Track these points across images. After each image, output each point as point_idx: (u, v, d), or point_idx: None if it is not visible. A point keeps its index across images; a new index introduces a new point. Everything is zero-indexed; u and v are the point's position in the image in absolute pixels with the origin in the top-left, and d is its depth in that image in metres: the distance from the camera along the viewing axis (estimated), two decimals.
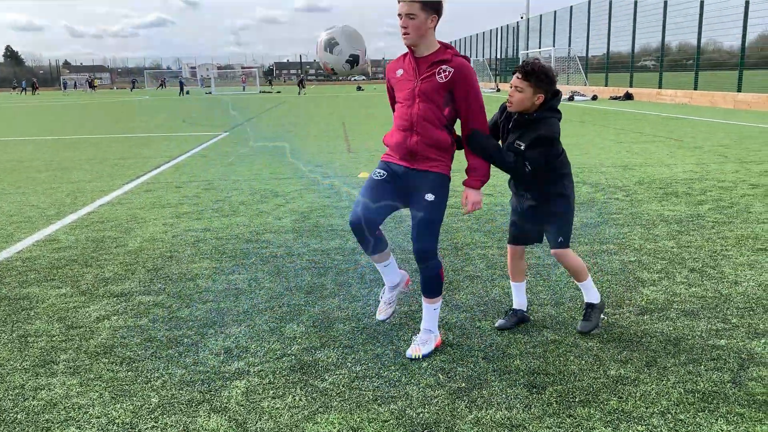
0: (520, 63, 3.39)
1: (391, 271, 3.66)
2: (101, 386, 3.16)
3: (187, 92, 62.23)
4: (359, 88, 62.07)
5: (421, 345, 3.43)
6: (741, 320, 3.79)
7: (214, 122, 22.09)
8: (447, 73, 3.21)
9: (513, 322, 3.75)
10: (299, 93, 55.36)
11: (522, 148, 3.38)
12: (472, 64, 3.35)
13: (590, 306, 3.68)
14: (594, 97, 32.84)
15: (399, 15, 3.20)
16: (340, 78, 3.42)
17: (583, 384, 3.07)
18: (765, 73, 23.96)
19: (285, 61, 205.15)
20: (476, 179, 3.40)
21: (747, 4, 23.17)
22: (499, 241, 5.66)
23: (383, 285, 3.77)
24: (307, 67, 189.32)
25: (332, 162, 10.98)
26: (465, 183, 3.43)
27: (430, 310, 3.49)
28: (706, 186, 8.00)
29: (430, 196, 3.29)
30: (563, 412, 2.81)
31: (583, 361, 3.31)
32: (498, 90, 48.58)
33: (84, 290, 4.61)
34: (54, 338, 3.76)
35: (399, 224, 6.27)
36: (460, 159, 3.54)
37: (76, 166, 11.17)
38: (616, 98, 31.64)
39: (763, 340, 3.50)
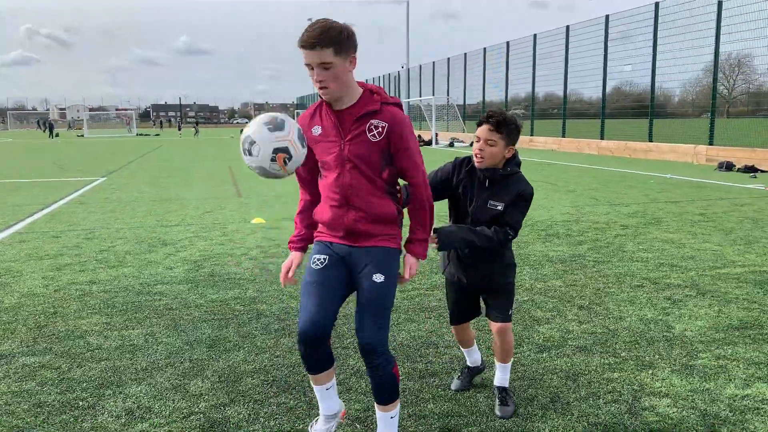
0: (485, 114, 3.08)
1: (331, 396, 2.96)
2: None
3: (57, 135, 58.78)
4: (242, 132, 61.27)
5: None
6: (629, 353, 4.07)
7: (89, 167, 20.96)
8: (380, 129, 2.65)
9: (469, 380, 3.57)
10: (195, 135, 54.53)
11: (500, 208, 3.06)
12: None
13: (504, 390, 3.34)
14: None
15: (308, 65, 2.57)
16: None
17: (495, 424, 3.16)
18: (622, 122, 26.27)
19: (163, 103, 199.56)
20: (423, 247, 2.85)
21: (606, 57, 25.46)
22: (409, 284, 5.75)
23: (316, 416, 3.13)
24: (187, 109, 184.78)
25: (222, 209, 10.74)
26: (410, 249, 2.84)
27: (387, 420, 2.81)
28: (583, 227, 8.59)
29: (378, 277, 2.69)
30: None
31: (492, 402, 3.41)
32: None
33: None
34: None
35: None
36: None
37: None
38: None
39: (650, 371, 3.78)
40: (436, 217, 2.93)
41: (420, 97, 44.42)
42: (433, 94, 41.01)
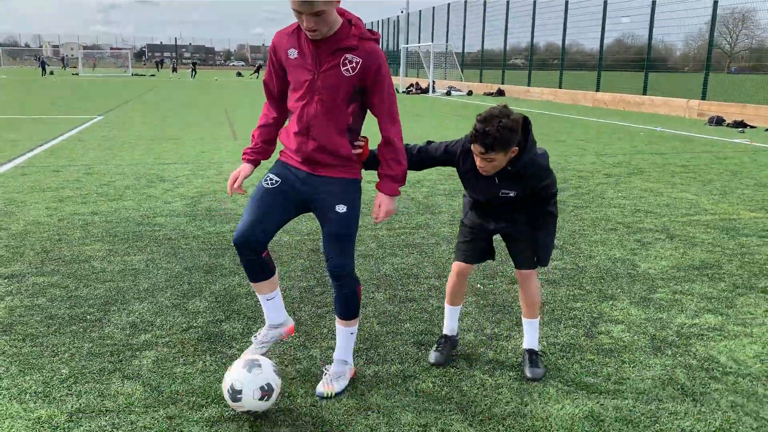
0: (473, 130, 2.82)
1: (274, 307, 3.11)
2: (6, 361, 3.20)
3: (51, 72, 58.13)
4: (239, 74, 60.81)
5: (334, 381, 2.95)
6: (593, 287, 4.42)
7: (85, 105, 20.99)
8: (354, 64, 2.69)
9: (448, 352, 3.30)
10: (192, 76, 54.04)
11: (512, 195, 3.01)
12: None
13: (534, 353, 3.21)
14: (469, 93, 34.38)
15: (297, 12, 2.55)
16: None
17: (464, 341, 3.52)
18: (620, 75, 26.27)
19: (159, 43, 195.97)
20: (393, 185, 2.90)
21: (605, 8, 25.26)
22: (388, 224, 6.06)
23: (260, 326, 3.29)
24: (183, 50, 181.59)
25: (218, 149, 10.95)
26: (379, 187, 2.91)
27: (347, 335, 3.02)
28: (568, 175, 8.87)
29: (341, 207, 2.81)
30: (448, 364, 3.23)
31: (464, 323, 3.76)
32: None
33: None
34: None
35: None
36: None
37: None
38: (489, 94, 33.32)
39: (611, 302, 4.13)
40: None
41: (419, 43, 43.96)
42: (432, 41, 40.62)
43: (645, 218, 6.42)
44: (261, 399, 2.66)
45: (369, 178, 3.39)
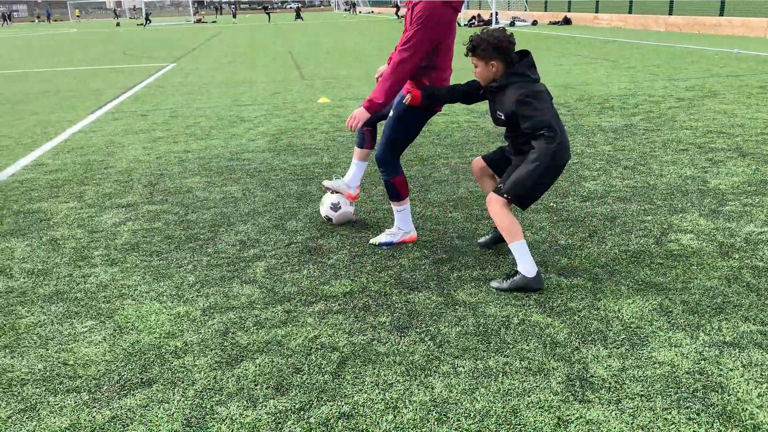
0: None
1: (355, 171, 4.21)
2: (140, 272, 3.73)
3: (118, 24, 59.63)
4: (298, 16, 60.62)
5: (384, 235, 3.98)
6: (664, 202, 4.61)
7: (157, 54, 21.73)
8: (412, 5, 3.54)
9: (490, 239, 3.88)
10: (269, 21, 54.39)
11: (503, 117, 3.32)
12: None
13: (515, 273, 3.35)
14: (534, 23, 33.43)
15: None
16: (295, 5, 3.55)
17: (540, 250, 3.82)
18: None
19: None
20: (367, 100, 3.53)
21: None
22: (459, 152, 6.34)
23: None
24: None
25: (289, 90, 11.35)
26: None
27: (395, 212, 3.96)
28: (639, 101, 8.84)
29: (392, 113, 3.70)
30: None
31: (538, 236, 4.06)
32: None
33: (91, 204, 5.07)
34: (81, 240, 4.27)
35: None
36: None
37: (31, 100, 11.17)
38: (555, 23, 32.32)
39: (680, 215, 4.33)
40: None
41: None
42: None
43: (717, 138, 6.45)
44: (336, 211, 4.19)
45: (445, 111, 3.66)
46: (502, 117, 3.32)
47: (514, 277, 3.32)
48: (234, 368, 2.70)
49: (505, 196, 3.28)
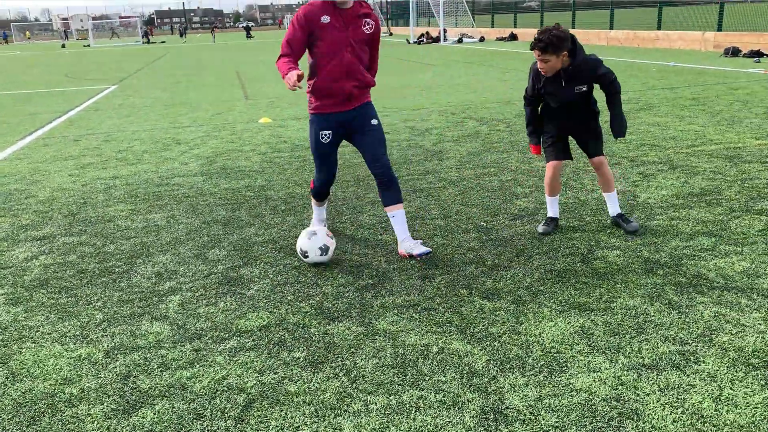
0: (534, 40, 3.85)
1: (322, 211, 4.50)
2: (45, 311, 3.50)
3: (63, 46, 58.32)
4: (249, 35, 60.26)
5: (419, 247, 3.93)
6: (593, 218, 4.59)
7: (99, 75, 21.21)
8: (370, 26, 3.81)
9: (552, 227, 4.36)
10: (213, 41, 53.75)
11: (585, 89, 3.99)
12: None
13: (620, 215, 4.32)
14: (481, 39, 33.92)
15: None
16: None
17: (466, 272, 3.74)
18: (633, 11, 25.73)
19: (167, 9, 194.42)
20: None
21: None
22: (396, 171, 6.25)
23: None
24: (191, 14, 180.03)
25: (231, 110, 11.14)
26: None
27: (402, 214, 4.01)
28: None
29: (374, 121, 3.95)
30: (450, 293, 3.47)
31: (466, 257, 3.98)
32: (391, 34, 48.79)
33: (3, 237, 4.80)
34: None
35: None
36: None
37: None
38: (501, 39, 32.84)
39: (608, 231, 4.31)
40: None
41: None
42: None
43: (650, 151, 6.52)
44: (322, 255, 3.90)
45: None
46: (584, 89, 4.01)
47: (632, 221, 4.28)
48: (130, 416, 2.51)
49: (621, 135, 4.13)
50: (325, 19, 3.68)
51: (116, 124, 10.22)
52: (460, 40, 33.24)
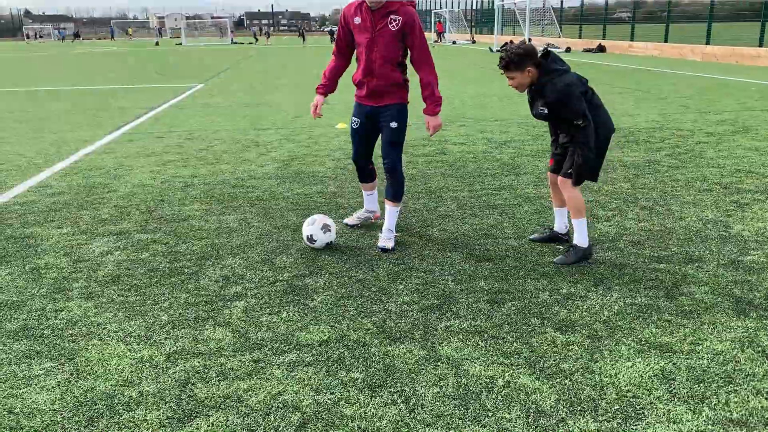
0: (500, 56, 3.84)
1: (371, 200, 4.79)
2: (114, 308, 3.56)
3: (157, 43, 60.97)
4: (332, 39, 61.28)
5: (388, 240, 4.36)
6: (680, 248, 4.29)
7: (188, 73, 21.99)
8: (397, 21, 4.02)
9: (545, 237, 4.41)
10: (302, 44, 54.98)
11: (545, 111, 3.89)
12: (447, 15, 4.03)
13: (574, 246, 4.06)
14: (567, 50, 33.11)
15: None
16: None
17: (538, 300, 3.55)
18: (733, 26, 24.43)
19: (256, 11, 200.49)
20: (432, 106, 4.20)
21: None
22: (470, 185, 6.09)
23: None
24: (279, 16, 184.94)
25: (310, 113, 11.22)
26: (424, 111, 4.25)
27: (394, 212, 4.40)
28: (665, 134, 8.49)
29: (394, 124, 4.25)
30: (519, 321, 3.29)
31: (539, 283, 3.78)
32: (473, 42, 48.40)
33: (84, 230, 4.95)
34: (64, 270, 4.13)
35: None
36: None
37: (56, 117, 11.28)
38: (589, 50, 31.95)
39: (696, 264, 4.01)
40: None
41: None
42: None
43: (746, 178, 6.09)
44: (325, 232, 4.31)
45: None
46: (545, 111, 3.90)
47: (571, 252, 4.04)
48: (185, 425, 2.48)
49: (575, 183, 3.95)
50: (357, 20, 4.11)
51: (199, 122, 10.50)
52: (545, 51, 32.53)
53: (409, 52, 4.18)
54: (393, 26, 4.03)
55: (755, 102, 11.61)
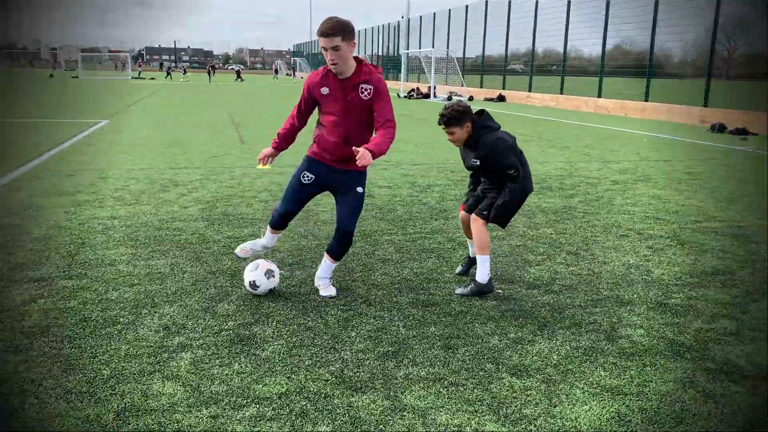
0: (439, 114, 4.31)
1: (274, 239, 4.65)
2: (48, 362, 3.29)
3: (51, 75, 58.22)
4: (238, 77, 60.76)
5: (328, 288, 4.36)
6: (610, 292, 4.53)
7: (89, 109, 21.07)
8: (369, 90, 3.97)
9: (467, 267, 4.80)
10: (210, 81, 53.87)
11: (477, 163, 4.32)
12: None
13: (474, 281, 4.40)
14: (470, 98, 34.53)
15: (324, 49, 3.82)
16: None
17: (490, 345, 3.62)
18: (620, 81, 26.44)
19: (157, 46, 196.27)
20: (376, 148, 3.81)
21: (606, 16, 25.46)
22: (403, 229, 6.17)
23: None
24: (182, 53, 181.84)
25: (228, 153, 11.05)
26: (366, 147, 3.90)
27: (332, 267, 4.42)
28: (575, 182, 9.00)
29: (360, 189, 4.22)
30: (476, 367, 3.34)
31: (487, 327, 3.87)
32: None
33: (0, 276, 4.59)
34: None
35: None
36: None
37: None
38: (490, 99, 33.48)
39: (628, 308, 4.24)
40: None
41: (419, 49, 44.11)
42: (433, 47, 40.74)
43: (655, 225, 6.54)
44: (269, 278, 4.24)
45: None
46: (477, 163, 4.32)
47: (472, 285, 4.37)
48: None
49: (489, 219, 4.35)
50: (325, 90, 4.03)
51: (110, 160, 10.05)
52: (449, 98, 33.79)
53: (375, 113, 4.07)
54: (365, 96, 3.97)
55: (649, 152, 12.55)
